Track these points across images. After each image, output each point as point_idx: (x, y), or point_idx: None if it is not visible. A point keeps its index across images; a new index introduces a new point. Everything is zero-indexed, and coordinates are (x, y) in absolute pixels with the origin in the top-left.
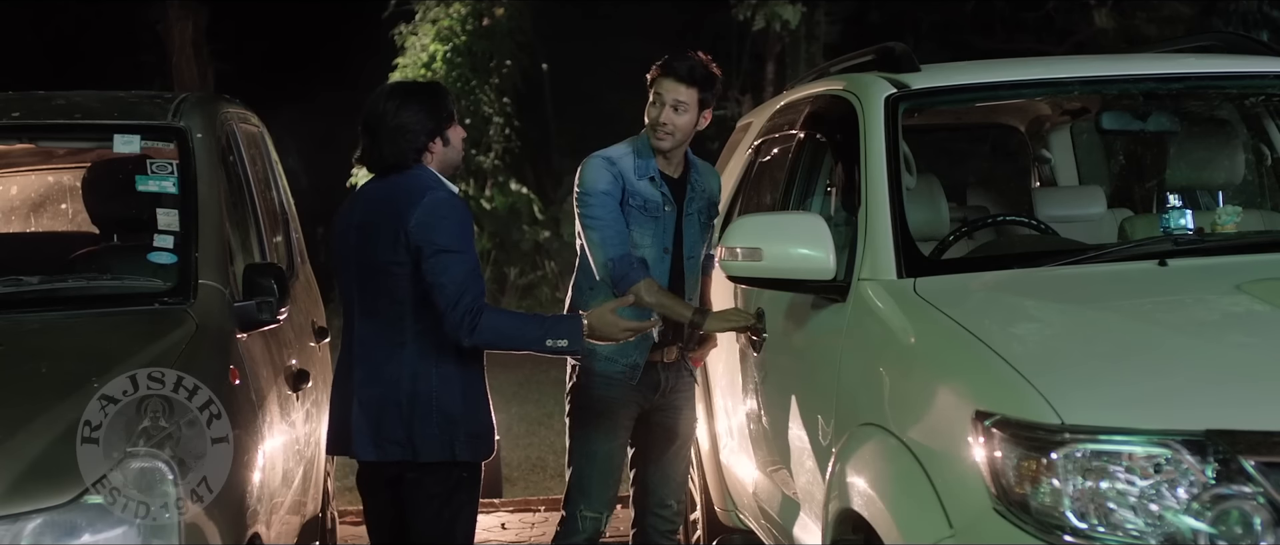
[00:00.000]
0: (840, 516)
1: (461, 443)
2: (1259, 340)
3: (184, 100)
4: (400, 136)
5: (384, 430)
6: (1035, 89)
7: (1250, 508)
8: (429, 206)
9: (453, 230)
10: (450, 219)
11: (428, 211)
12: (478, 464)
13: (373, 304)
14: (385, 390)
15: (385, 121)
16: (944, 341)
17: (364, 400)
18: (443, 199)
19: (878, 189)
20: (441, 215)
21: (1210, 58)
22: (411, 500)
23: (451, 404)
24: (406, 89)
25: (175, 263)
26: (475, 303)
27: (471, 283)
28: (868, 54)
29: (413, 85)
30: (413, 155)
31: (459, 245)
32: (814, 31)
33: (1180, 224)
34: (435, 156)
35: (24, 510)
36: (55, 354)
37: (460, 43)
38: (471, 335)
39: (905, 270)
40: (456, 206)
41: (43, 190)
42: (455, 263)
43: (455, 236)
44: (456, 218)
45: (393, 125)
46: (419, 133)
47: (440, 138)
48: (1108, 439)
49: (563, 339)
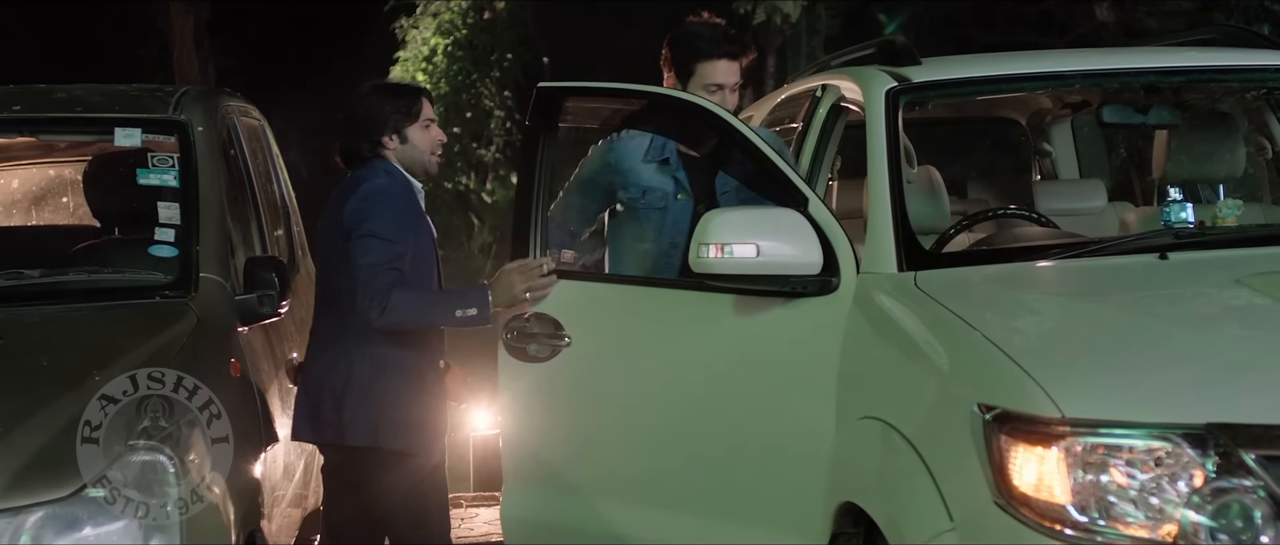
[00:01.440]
0: (840, 509)
1: (387, 430)
2: (1259, 334)
3: (185, 94)
4: (355, 128)
5: (320, 413)
6: (1036, 82)
7: (1251, 501)
8: (364, 193)
9: (380, 216)
10: (381, 206)
11: (361, 198)
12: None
13: (325, 294)
14: (324, 374)
15: (351, 110)
16: (944, 334)
17: (307, 385)
18: (378, 187)
19: (878, 182)
20: (373, 202)
21: (1211, 51)
22: (376, 492)
23: (381, 391)
24: (377, 85)
25: (176, 256)
26: (389, 283)
27: (388, 267)
28: (868, 48)
29: (384, 84)
30: (366, 147)
31: (383, 231)
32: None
33: (1181, 217)
34: (391, 151)
35: (25, 504)
36: (56, 348)
37: (461, 36)
38: (383, 313)
39: (906, 263)
40: (392, 196)
41: (44, 184)
42: (375, 247)
43: (382, 223)
44: (389, 206)
45: (354, 115)
46: (372, 126)
47: (396, 134)
48: (1108, 432)
49: (471, 308)
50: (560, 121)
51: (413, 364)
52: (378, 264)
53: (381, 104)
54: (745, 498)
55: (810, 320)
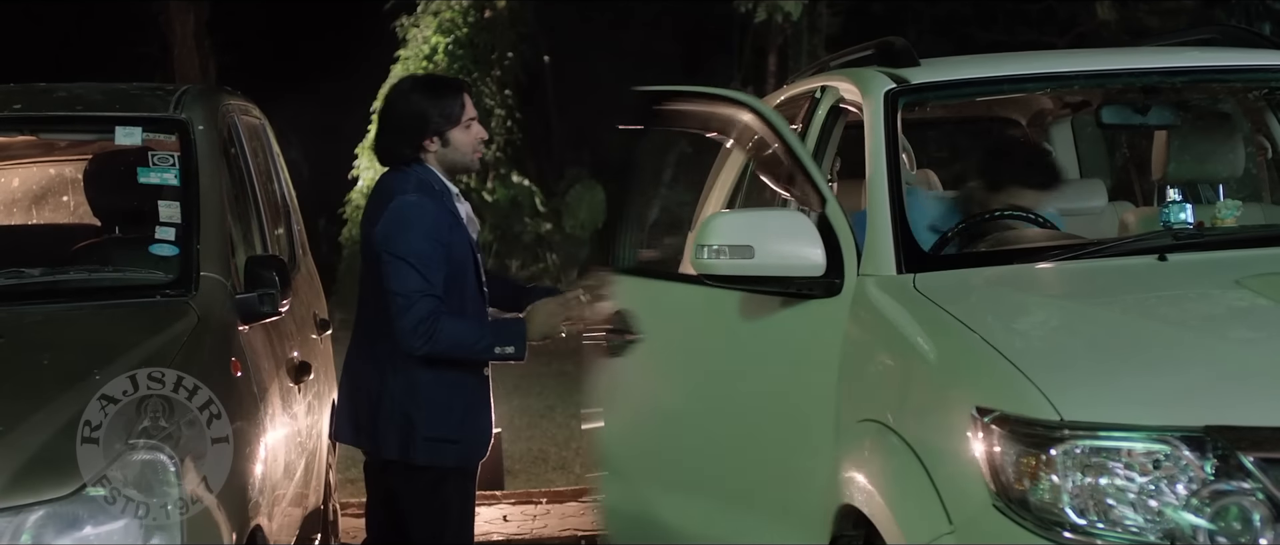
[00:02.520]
0: (840, 512)
1: (418, 446)
2: (1259, 335)
3: (185, 92)
4: (395, 128)
5: (358, 419)
6: (1035, 83)
7: (1249, 504)
8: (392, 211)
9: (410, 238)
10: (411, 227)
11: (391, 217)
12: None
13: (365, 296)
14: (358, 383)
15: (391, 107)
16: (943, 337)
17: (345, 385)
18: (406, 203)
19: (878, 184)
20: (403, 223)
21: (1212, 51)
22: (401, 495)
23: (411, 406)
24: (418, 81)
25: (177, 255)
26: (430, 312)
27: (423, 293)
28: (867, 49)
29: (426, 80)
30: (407, 150)
31: (414, 254)
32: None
33: (1180, 218)
34: (431, 155)
35: (26, 503)
36: (57, 346)
37: (462, 35)
38: (429, 343)
39: (905, 265)
40: (423, 211)
41: (44, 182)
42: (406, 274)
43: (411, 244)
44: (418, 225)
45: (395, 114)
46: (413, 129)
47: (438, 137)
48: (1107, 435)
49: (509, 346)
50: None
51: (450, 380)
52: (412, 292)
53: (424, 105)
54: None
55: (812, 322)
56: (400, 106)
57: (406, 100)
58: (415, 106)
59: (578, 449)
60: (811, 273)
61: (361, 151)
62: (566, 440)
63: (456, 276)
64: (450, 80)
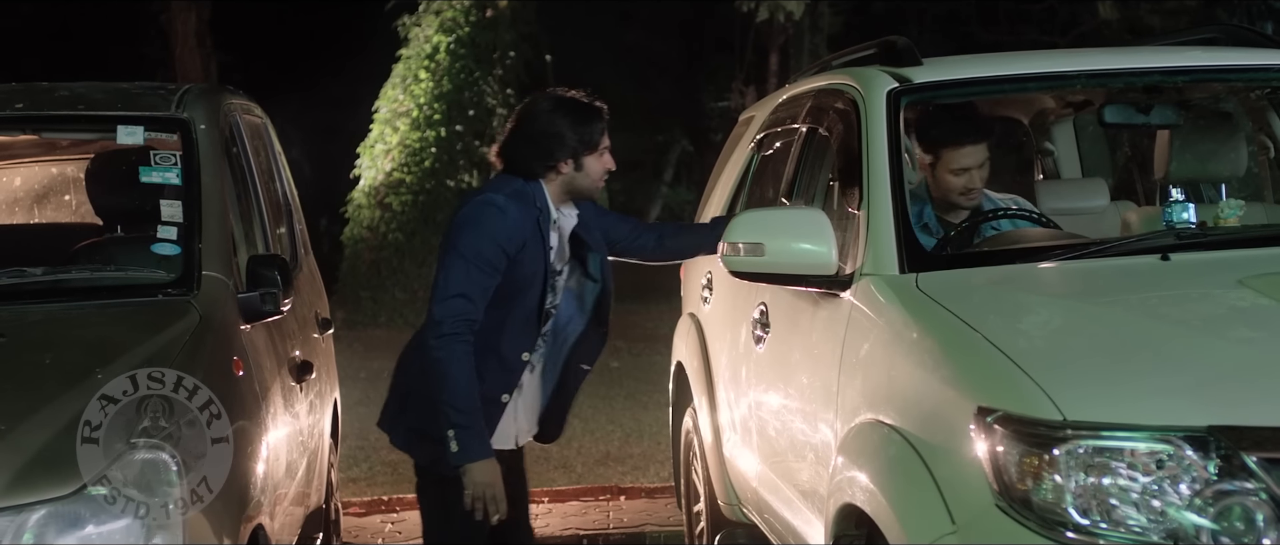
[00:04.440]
0: (842, 511)
1: (400, 430)
2: (1261, 335)
3: (187, 91)
4: (531, 144)
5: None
6: (1038, 83)
7: (1252, 504)
8: (472, 205)
9: (475, 235)
10: (480, 227)
11: (466, 210)
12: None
13: None
14: (398, 370)
15: (530, 123)
16: (946, 337)
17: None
18: (487, 201)
19: (880, 184)
20: (472, 219)
21: (1214, 50)
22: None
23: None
24: (562, 103)
25: (179, 254)
26: (465, 316)
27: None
28: (869, 48)
29: (570, 103)
30: (538, 167)
31: (471, 251)
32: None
33: (1183, 218)
34: (562, 176)
35: (28, 502)
36: (59, 345)
37: (464, 34)
38: (437, 344)
39: (907, 265)
40: (505, 216)
41: (46, 181)
42: (456, 267)
43: (472, 241)
44: (488, 227)
45: (532, 130)
46: (551, 150)
47: (573, 161)
48: (1110, 435)
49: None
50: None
51: None
52: (454, 285)
53: (566, 130)
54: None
55: (819, 320)
56: (541, 124)
57: (549, 120)
58: (556, 128)
59: (579, 448)
60: (822, 271)
61: (363, 150)
62: (568, 439)
63: (513, 292)
64: (592, 106)
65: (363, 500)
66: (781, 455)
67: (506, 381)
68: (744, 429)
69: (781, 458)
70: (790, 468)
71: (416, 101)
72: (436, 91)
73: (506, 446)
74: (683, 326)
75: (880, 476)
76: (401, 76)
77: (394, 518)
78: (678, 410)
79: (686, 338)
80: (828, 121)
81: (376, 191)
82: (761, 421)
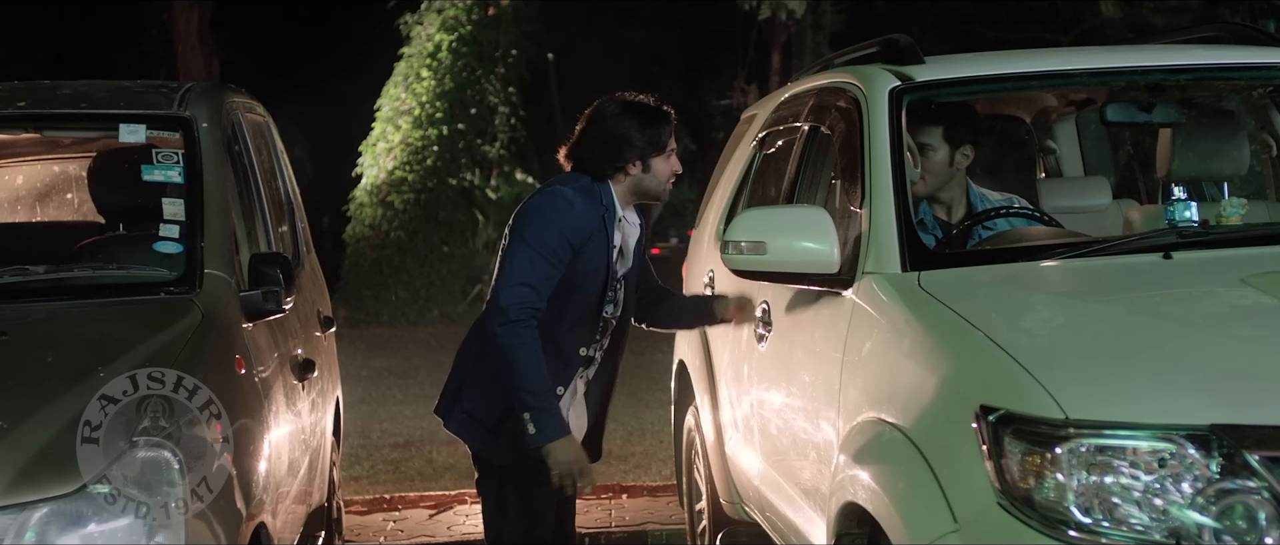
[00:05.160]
0: (844, 510)
1: (455, 414)
2: (1264, 334)
3: (189, 90)
4: (600, 145)
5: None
6: (1040, 81)
7: (1255, 502)
8: (540, 195)
9: (542, 225)
10: (545, 215)
11: (534, 200)
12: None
13: None
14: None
15: (599, 124)
16: (948, 335)
17: None
18: (555, 193)
19: (882, 182)
20: (541, 209)
21: (1216, 48)
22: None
23: (469, 373)
24: (630, 106)
25: (181, 252)
26: (530, 304)
27: (526, 283)
28: (872, 46)
29: (638, 106)
30: (607, 169)
31: (537, 240)
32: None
33: (1185, 216)
34: (629, 177)
35: (30, 500)
36: (61, 343)
37: (466, 32)
38: (502, 331)
39: (910, 263)
40: (565, 209)
41: (48, 180)
42: (521, 255)
43: (539, 231)
44: (556, 219)
45: (601, 131)
46: (620, 152)
47: (640, 162)
48: (1112, 434)
49: (533, 428)
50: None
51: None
52: (520, 274)
53: (635, 132)
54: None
55: (821, 319)
56: (610, 126)
57: (618, 122)
58: (625, 130)
59: None
60: (824, 270)
61: (365, 149)
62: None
63: (575, 286)
64: (660, 110)
65: (364, 498)
66: (783, 454)
67: (564, 374)
68: (746, 427)
69: (783, 456)
70: (792, 466)
71: (418, 100)
72: (438, 90)
73: None
74: None
75: (882, 475)
76: (403, 75)
77: (396, 516)
78: (680, 409)
79: (688, 336)
80: (830, 120)
81: (378, 189)
82: (763, 420)
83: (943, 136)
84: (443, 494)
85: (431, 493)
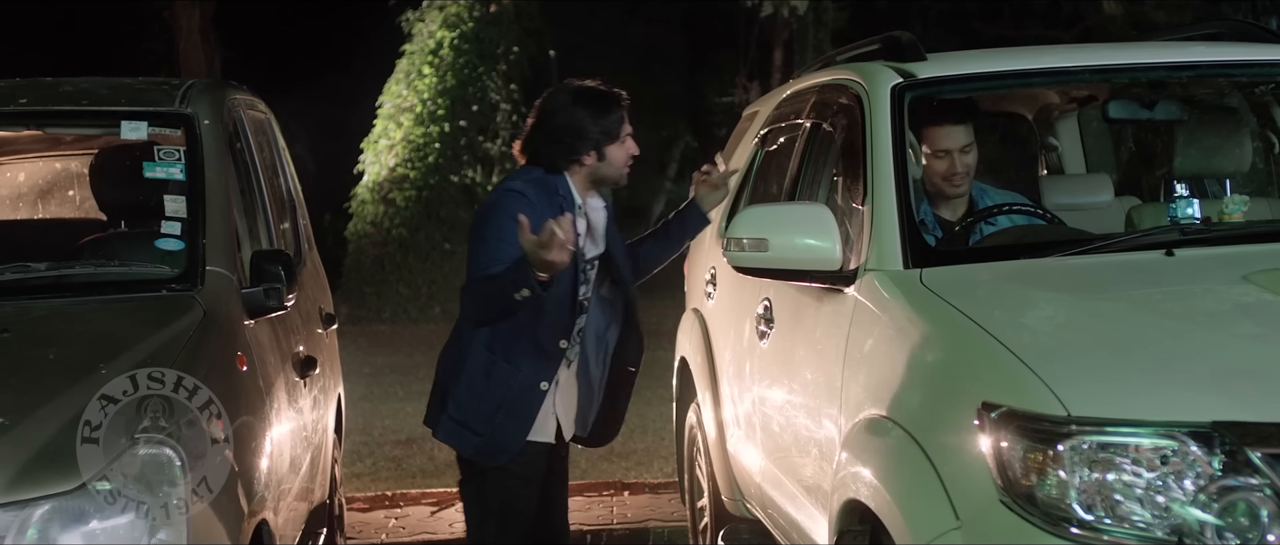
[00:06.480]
0: (846, 507)
1: (443, 423)
2: (1266, 331)
3: (191, 87)
4: (553, 138)
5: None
6: (1042, 78)
7: (1257, 500)
8: (492, 195)
9: (490, 221)
10: (495, 211)
11: (486, 201)
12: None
13: None
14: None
15: (550, 117)
16: (950, 333)
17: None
18: (500, 191)
19: (884, 179)
20: (489, 207)
21: (1218, 46)
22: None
23: (452, 382)
24: (580, 93)
25: (183, 249)
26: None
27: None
28: (873, 43)
29: (589, 93)
30: (561, 161)
31: (494, 234)
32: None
33: (1187, 213)
34: (586, 167)
35: (32, 497)
36: (63, 340)
37: (468, 29)
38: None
39: (912, 260)
40: (520, 200)
41: (50, 177)
42: (479, 252)
43: (490, 226)
44: (502, 210)
45: (553, 125)
46: (574, 143)
47: (596, 152)
48: (1114, 431)
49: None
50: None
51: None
52: (480, 271)
53: (588, 124)
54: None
55: (823, 316)
56: (561, 118)
57: (570, 115)
58: (578, 122)
59: None
60: (826, 267)
61: (367, 146)
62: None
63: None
64: (611, 95)
65: (366, 496)
66: (785, 451)
67: (545, 369)
68: (748, 424)
69: (785, 453)
70: (794, 463)
71: (420, 97)
72: (440, 87)
73: (546, 439)
74: (686, 322)
75: (884, 472)
76: (405, 72)
77: (397, 513)
78: (681, 406)
79: (690, 333)
80: (832, 117)
81: (380, 187)
82: (765, 417)
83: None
84: (444, 491)
85: (433, 490)
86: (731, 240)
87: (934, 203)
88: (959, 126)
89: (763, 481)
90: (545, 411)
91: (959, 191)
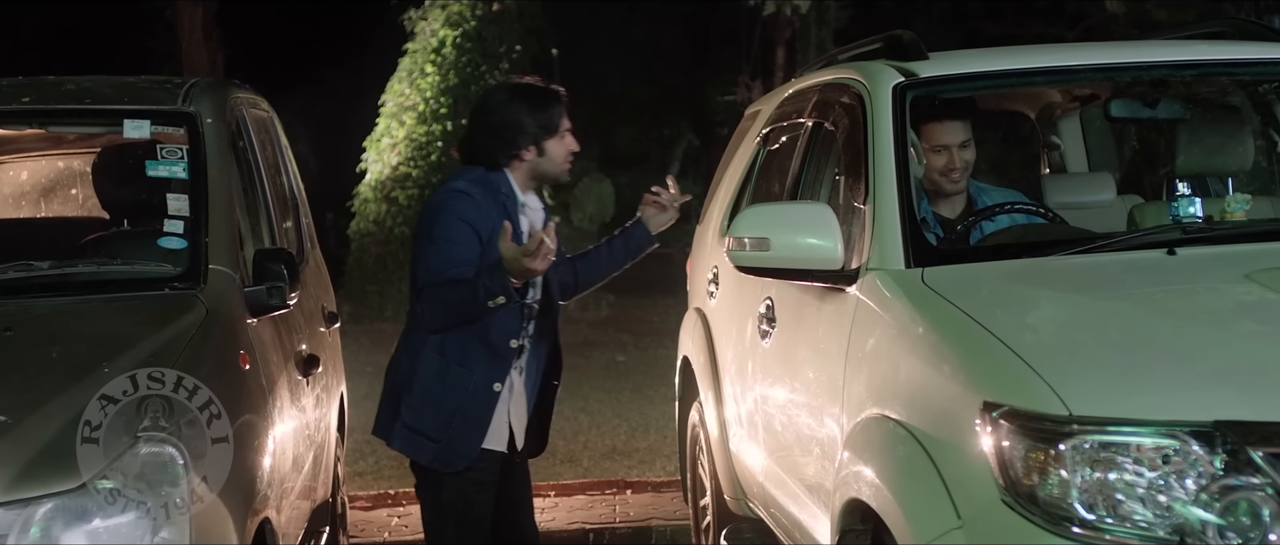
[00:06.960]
0: (848, 506)
1: (397, 432)
2: (1268, 330)
3: (194, 85)
4: (491, 135)
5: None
6: (1044, 77)
7: (1259, 499)
8: (433, 197)
9: (438, 222)
10: (443, 209)
11: (432, 202)
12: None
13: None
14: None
15: (489, 114)
16: (952, 332)
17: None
18: (444, 191)
19: (886, 178)
20: (435, 208)
21: (1220, 44)
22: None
23: (405, 391)
24: (518, 90)
25: (185, 248)
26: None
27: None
28: (875, 42)
29: (526, 89)
30: (501, 158)
31: (443, 234)
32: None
33: (1189, 212)
34: (526, 163)
35: (34, 495)
36: (65, 339)
37: (470, 28)
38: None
39: (914, 260)
40: (460, 201)
41: (53, 175)
42: (430, 253)
43: (439, 228)
44: (449, 210)
45: (491, 120)
46: (512, 140)
47: (535, 147)
48: (1116, 430)
49: (500, 295)
50: None
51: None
52: (435, 272)
53: (526, 118)
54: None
55: (825, 315)
56: (500, 115)
57: (508, 109)
58: (516, 117)
59: (585, 442)
60: (828, 266)
61: (369, 145)
62: (574, 434)
63: None
64: (549, 91)
65: (369, 494)
66: (787, 450)
67: (499, 370)
68: (750, 424)
69: (787, 452)
70: (796, 462)
71: (422, 95)
72: (443, 85)
73: (499, 448)
74: (689, 321)
75: (886, 471)
76: (407, 70)
77: (400, 512)
78: (684, 405)
79: (692, 332)
80: (834, 116)
81: (382, 185)
82: (767, 416)
83: (967, 128)
84: None
85: None
86: (734, 240)
87: (932, 199)
88: (958, 122)
89: (765, 480)
90: (499, 418)
91: (957, 187)
